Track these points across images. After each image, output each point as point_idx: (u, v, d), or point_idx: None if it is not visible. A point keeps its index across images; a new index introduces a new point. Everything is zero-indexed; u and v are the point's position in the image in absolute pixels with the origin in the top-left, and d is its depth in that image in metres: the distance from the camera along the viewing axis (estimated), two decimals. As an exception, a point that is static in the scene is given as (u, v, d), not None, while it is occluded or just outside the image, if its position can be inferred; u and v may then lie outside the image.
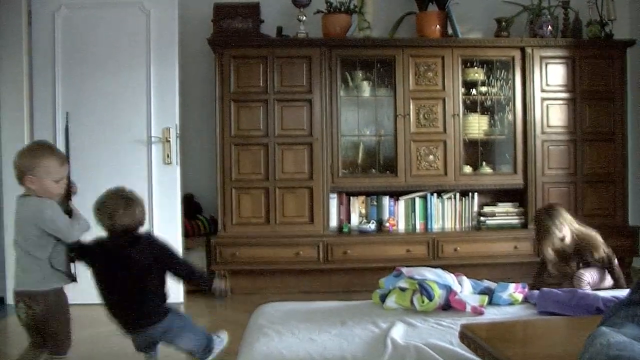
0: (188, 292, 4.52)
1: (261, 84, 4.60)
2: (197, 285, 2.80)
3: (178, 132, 4.47)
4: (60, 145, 4.40)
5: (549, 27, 4.77)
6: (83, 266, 2.65)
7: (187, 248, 4.62)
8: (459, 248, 4.62)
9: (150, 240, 2.67)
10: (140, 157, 4.46)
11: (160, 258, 2.63)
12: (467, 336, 1.77)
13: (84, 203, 4.39)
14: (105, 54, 4.45)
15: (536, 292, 2.70)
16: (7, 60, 4.41)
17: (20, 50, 4.39)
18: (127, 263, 2.56)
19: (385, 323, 2.41)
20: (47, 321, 2.56)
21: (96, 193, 4.37)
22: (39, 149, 2.62)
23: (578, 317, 2.34)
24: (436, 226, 4.81)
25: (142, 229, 2.69)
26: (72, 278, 2.67)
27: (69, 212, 2.68)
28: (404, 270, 2.79)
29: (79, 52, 4.46)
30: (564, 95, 4.81)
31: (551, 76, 4.79)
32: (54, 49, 4.43)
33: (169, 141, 4.44)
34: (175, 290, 4.39)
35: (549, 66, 4.78)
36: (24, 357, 2.62)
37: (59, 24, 4.45)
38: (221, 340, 2.89)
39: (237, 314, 4.02)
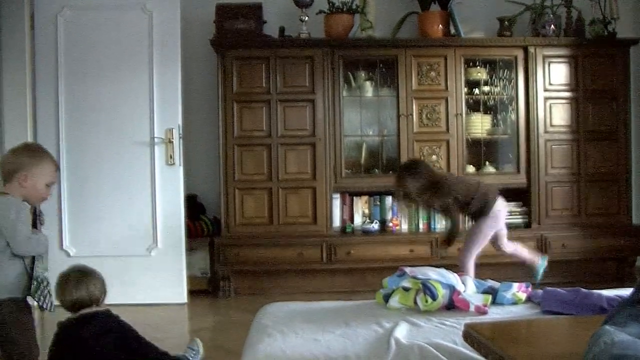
0: (191, 293, 4.52)
1: (264, 85, 4.61)
2: None
3: (181, 133, 4.47)
4: (62, 147, 4.43)
5: (552, 26, 4.76)
6: None
7: (190, 249, 4.62)
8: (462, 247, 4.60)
9: (108, 318, 2.30)
10: (143, 158, 4.46)
11: (123, 339, 2.29)
12: (471, 335, 1.77)
13: (85, 204, 4.45)
14: (107, 55, 4.46)
15: (540, 291, 2.70)
16: (10, 62, 4.42)
17: (23, 53, 4.40)
18: (77, 348, 2.21)
19: (388, 323, 2.41)
20: (2, 332, 2.32)
21: (98, 194, 4.45)
22: (40, 150, 2.57)
23: (582, 316, 2.34)
24: (439, 226, 4.79)
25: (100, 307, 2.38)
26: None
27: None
28: (408, 270, 2.79)
29: (82, 53, 4.46)
30: (567, 94, 4.80)
31: (554, 75, 4.78)
32: (57, 51, 4.44)
33: (172, 142, 4.45)
34: (178, 290, 4.42)
35: (551, 65, 4.77)
36: None
37: (61, 26, 4.45)
38: (196, 352, 2.83)
39: (240, 314, 4.03)
